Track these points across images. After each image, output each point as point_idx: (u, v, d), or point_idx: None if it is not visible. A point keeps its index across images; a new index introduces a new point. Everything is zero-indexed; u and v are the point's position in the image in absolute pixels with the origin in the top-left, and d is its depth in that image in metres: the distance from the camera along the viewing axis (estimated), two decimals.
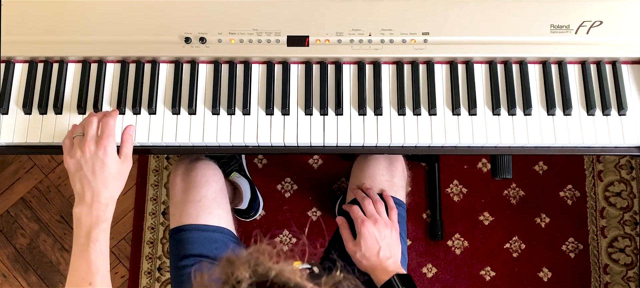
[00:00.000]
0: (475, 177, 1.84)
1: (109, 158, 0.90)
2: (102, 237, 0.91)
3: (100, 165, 0.90)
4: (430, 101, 1.01)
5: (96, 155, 0.90)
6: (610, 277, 1.79)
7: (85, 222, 0.90)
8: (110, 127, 0.91)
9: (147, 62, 1.03)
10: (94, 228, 0.90)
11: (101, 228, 0.91)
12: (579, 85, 1.03)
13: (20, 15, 1.01)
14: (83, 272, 0.89)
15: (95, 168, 0.90)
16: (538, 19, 1.01)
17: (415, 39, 1.01)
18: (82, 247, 0.90)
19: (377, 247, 1.05)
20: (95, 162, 0.90)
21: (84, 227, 0.90)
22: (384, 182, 1.19)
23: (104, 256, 0.91)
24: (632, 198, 1.82)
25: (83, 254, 0.90)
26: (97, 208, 0.90)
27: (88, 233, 0.90)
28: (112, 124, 0.92)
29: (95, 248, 0.90)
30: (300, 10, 1.02)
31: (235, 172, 1.73)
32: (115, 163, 0.91)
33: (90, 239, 0.90)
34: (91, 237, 0.90)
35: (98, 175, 0.90)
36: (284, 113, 1.00)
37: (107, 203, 0.91)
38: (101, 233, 0.91)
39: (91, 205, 0.90)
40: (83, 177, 0.90)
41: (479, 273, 1.79)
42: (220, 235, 1.14)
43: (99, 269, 0.90)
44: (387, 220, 1.09)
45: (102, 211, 0.91)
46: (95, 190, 0.90)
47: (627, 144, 1.00)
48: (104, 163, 0.90)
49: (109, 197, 0.91)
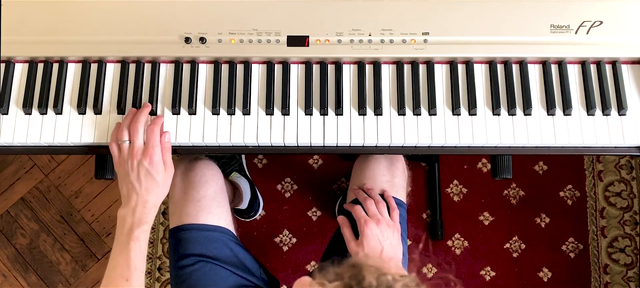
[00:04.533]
0: (475, 177, 1.84)
1: (154, 168, 0.94)
2: (143, 238, 0.95)
3: (145, 174, 0.94)
4: (430, 101, 1.01)
5: (142, 165, 0.94)
6: (610, 277, 1.79)
7: (128, 222, 0.94)
8: (156, 137, 0.95)
9: (147, 62, 1.03)
10: (136, 228, 0.94)
11: (143, 229, 0.94)
12: (579, 85, 1.03)
13: (20, 15, 1.01)
14: (121, 268, 0.93)
15: (140, 176, 0.94)
16: (538, 19, 1.01)
17: (415, 39, 1.01)
18: (123, 244, 0.94)
19: (379, 247, 1.05)
20: (140, 171, 0.94)
21: (127, 226, 0.94)
22: (385, 182, 1.19)
23: (142, 255, 0.95)
24: (632, 198, 1.82)
25: (123, 251, 0.93)
26: (141, 211, 0.94)
27: (130, 232, 0.94)
28: (157, 133, 0.95)
29: (136, 247, 0.93)
30: (300, 10, 1.02)
31: (235, 172, 1.73)
32: (160, 172, 0.95)
33: (131, 238, 0.93)
34: (133, 235, 0.93)
35: (143, 183, 0.94)
36: (284, 113, 1.00)
37: (151, 208, 0.95)
38: (142, 233, 0.94)
39: (135, 208, 0.94)
40: (129, 183, 0.95)
41: (479, 273, 1.79)
42: (220, 234, 1.14)
43: (136, 267, 0.93)
44: (389, 220, 1.09)
45: (145, 214, 0.95)
46: (141, 196, 0.94)
47: (627, 144, 1.00)
48: (149, 173, 0.94)
49: (152, 203, 0.96)
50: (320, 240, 1.80)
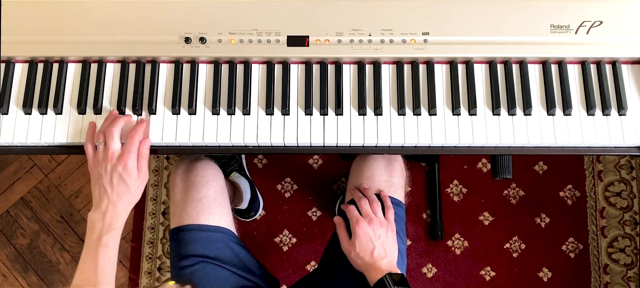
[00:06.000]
0: (475, 177, 1.84)
1: (127, 174, 0.94)
2: (112, 244, 0.94)
3: (118, 179, 0.94)
4: (430, 101, 1.01)
5: (115, 169, 0.93)
6: (610, 277, 1.79)
7: (98, 227, 0.94)
8: (134, 143, 0.95)
9: (147, 62, 1.03)
10: (105, 234, 0.93)
11: (112, 235, 0.94)
12: (578, 85, 1.03)
13: (20, 15, 1.01)
14: (89, 273, 0.92)
15: (113, 181, 0.94)
16: (538, 19, 1.01)
17: (415, 39, 1.01)
18: (92, 250, 0.93)
19: (371, 246, 1.05)
20: (113, 176, 0.94)
21: (96, 231, 0.94)
22: (383, 182, 1.19)
23: (111, 262, 0.94)
24: (632, 198, 1.82)
25: (92, 257, 0.93)
26: (111, 217, 0.94)
27: (99, 238, 0.93)
28: (136, 140, 0.95)
29: (104, 254, 0.93)
30: (300, 10, 1.01)
31: (235, 172, 1.73)
32: (134, 178, 0.95)
33: (100, 244, 0.93)
34: (101, 242, 0.93)
35: (115, 188, 0.94)
36: (284, 113, 1.00)
37: (121, 214, 0.95)
38: (111, 239, 0.94)
39: (105, 212, 0.94)
40: (101, 186, 0.94)
41: (479, 273, 1.79)
42: (220, 235, 1.14)
43: (105, 273, 0.93)
44: (382, 219, 1.09)
45: (115, 219, 0.94)
46: (111, 201, 0.94)
47: (627, 144, 1.00)
48: (122, 178, 0.94)
49: (123, 209, 0.95)
50: (320, 240, 1.80)
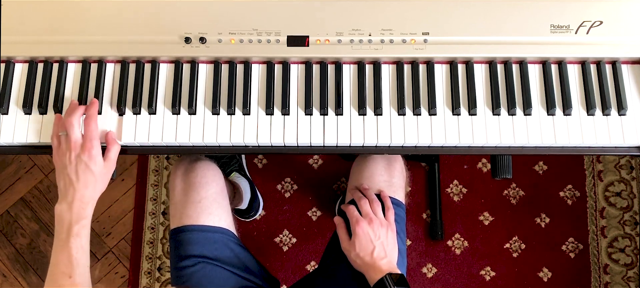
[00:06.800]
0: (475, 177, 1.84)
1: (92, 162, 0.93)
2: (83, 233, 0.94)
3: (83, 168, 0.93)
4: (430, 101, 1.01)
5: (80, 159, 0.93)
6: (610, 277, 1.79)
7: (66, 218, 0.93)
8: (93, 130, 0.94)
9: (147, 62, 1.03)
10: (74, 224, 0.93)
11: (82, 225, 0.93)
12: (578, 85, 1.03)
13: (20, 15, 1.01)
14: (63, 265, 0.92)
15: (78, 170, 0.93)
16: (538, 19, 1.01)
17: (415, 39, 1.01)
18: (63, 242, 0.93)
19: (371, 246, 1.05)
20: (78, 165, 0.93)
21: (65, 223, 0.93)
22: (383, 182, 1.19)
23: (84, 251, 0.94)
24: (632, 198, 1.82)
25: (64, 249, 0.92)
26: (78, 207, 0.93)
27: (69, 229, 0.93)
28: (94, 127, 0.94)
29: (76, 243, 0.92)
30: (300, 10, 1.02)
31: (235, 172, 1.73)
32: (99, 166, 0.94)
33: (71, 234, 0.92)
34: (72, 232, 0.92)
35: (80, 177, 0.93)
36: (284, 113, 1.00)
37: (88, 202, 0.94)
38: (82, 229, 0.93)
39: (72, 203, 0.93)
40: (66, 176, 0.93)
41: (479, 273, 1.79)
42: (220, 235, 1.14)
43: (79, 263, 0.92)
44: (382, 219, 1.09)
45: (82, 209, 0.93)
46: (77, 190, 0.93)
47: (627, 144, 1.00)
48: (87, 167, 0.93)
49: (90, 197, 0.94)
50: (320, 240, 1.80)
